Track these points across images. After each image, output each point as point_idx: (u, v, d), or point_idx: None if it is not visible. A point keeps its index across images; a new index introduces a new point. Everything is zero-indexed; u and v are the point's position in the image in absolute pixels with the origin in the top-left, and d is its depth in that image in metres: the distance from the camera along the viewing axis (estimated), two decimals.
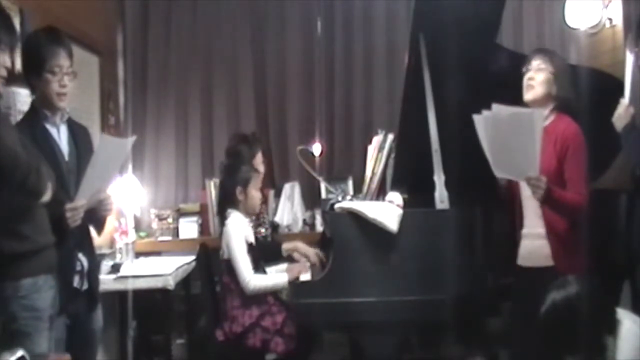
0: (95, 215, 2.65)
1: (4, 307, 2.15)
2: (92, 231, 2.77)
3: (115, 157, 2.61)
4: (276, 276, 3.26)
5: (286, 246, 3.55)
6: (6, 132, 2.13)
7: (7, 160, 2.07)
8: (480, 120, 2.62)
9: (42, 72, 2.52)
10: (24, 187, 2.13)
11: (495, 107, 2.53)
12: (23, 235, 2.19)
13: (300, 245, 3.51)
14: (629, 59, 2.74)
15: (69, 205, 2.44)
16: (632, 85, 2.76)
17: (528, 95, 2.85)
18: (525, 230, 2.87)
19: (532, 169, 2.57)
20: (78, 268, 2.61)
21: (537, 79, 2.83)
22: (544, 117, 2.64)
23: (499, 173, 2.70)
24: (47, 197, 2.24)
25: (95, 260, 2.78)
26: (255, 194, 3.37)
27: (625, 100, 2.78)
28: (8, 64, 2.22)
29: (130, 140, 2.70)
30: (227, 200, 3.35)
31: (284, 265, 3.48)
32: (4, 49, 2.19)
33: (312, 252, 3.43)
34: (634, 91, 2.75)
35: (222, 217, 3.35)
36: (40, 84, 2.54)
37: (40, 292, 2.22)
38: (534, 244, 2.82)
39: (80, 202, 2.47)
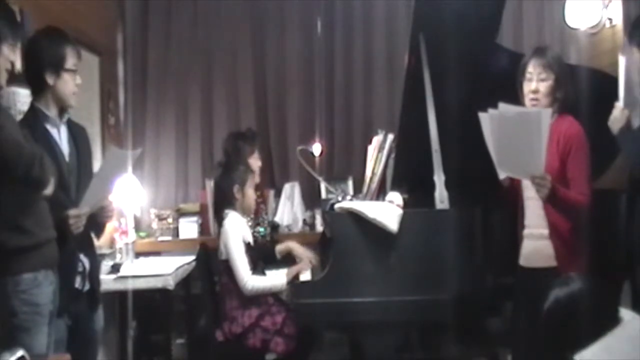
0: (96, 221, 2.66)
1: (4, 302, 2.16)
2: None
3: (120, 167, 2.61)
4: (274, 277, 3.26)
5: (279, 248, 3.56)
6: (9, 123, 2.14)
7: (11, 150, 2.08)
8: (486, 118, 2.58)
9: (61, 70, 2.51)
10: (28, 177, 2.12)
11: (502, 106, 2.50)
12: (24, 229, 2.19)
13: (294, 246, 3.50)
14: (622, 61, 2.71)
15: (72, 212, 2.45)
16: (626, 87, 2.73)
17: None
18: (527, 231, 2.86)
19: (537, 168, 2.54)
20: (80, 269, 2.61)
21: (541, 90, 2.76)
22: (550, 116, 2.56)
23: (503, 171, 2.67)
24: (49, 189, 2.23)
25: (96, 261, 2.78)
26: (251, 193, 3.37)
27: (619, 103, 2.77)
28: (12, 57, 2.21)
29: (137, 152, 2.72)
30: (224, 200, 3.34)
31: (285, 269, 3.48)
32: (12, 43, 2.19)
33: (306, 254, 3.43)
34: (627, 93, 2.73)
35: (220, 217, 3.35)
36: (59, 83, 2.52)
37: (41, 287, 2.22)
38: (536, 244, 2.80)
39: (84, 209, 2.48)
